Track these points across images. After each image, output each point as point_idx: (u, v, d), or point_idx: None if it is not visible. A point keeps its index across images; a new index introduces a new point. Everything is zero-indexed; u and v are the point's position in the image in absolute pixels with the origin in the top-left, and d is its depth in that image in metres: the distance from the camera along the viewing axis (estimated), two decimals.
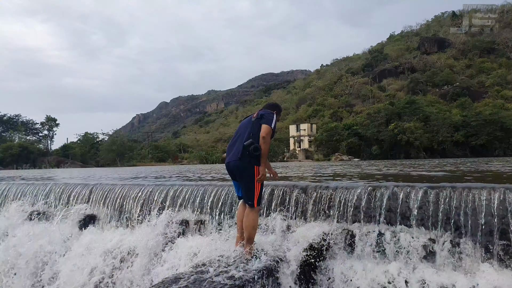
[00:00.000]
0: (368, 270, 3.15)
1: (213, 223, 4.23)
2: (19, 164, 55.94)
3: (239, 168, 3.39)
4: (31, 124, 73.98)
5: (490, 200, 3.01)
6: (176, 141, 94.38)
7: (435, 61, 73.77)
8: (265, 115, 3.50)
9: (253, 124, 3.49)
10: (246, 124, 3.61)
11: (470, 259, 2.90)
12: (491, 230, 2.90)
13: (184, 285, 2.48)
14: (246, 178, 3.38)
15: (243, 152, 3.36)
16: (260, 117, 3.50)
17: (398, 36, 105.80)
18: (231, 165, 3.47)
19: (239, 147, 3.42)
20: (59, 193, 5.89)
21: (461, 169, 8.56)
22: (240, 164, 3.37)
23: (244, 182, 3.40)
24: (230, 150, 3.57)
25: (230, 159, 3.49)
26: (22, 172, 23.72)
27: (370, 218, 3.44)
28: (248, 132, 3.45)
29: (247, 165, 3.35)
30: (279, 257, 3.20)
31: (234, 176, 3.51)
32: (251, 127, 3.49)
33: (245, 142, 3.35)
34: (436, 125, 44.53)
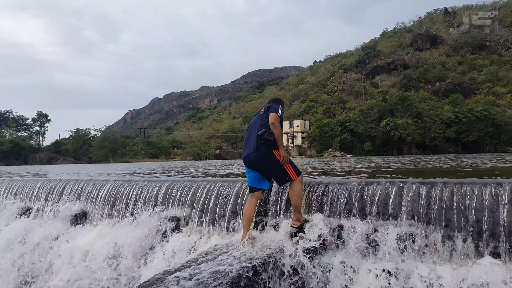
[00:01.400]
0: (360, 264, 3.17)
1: (207, 219, 4.21)
2: (10, 161, 55.27)
3: (259, 158, 3.62)
4: (22, 120, 73.08)
5: (481, 195, 3.03)
6: (169, 137, 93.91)
7: (428, 57, 74.25)
8: (271, 106, 3.75)
9: (262, 118, 3.75)
10: (256, 120, 3.87)
11: (461, 253, 2.93)
12: (482, 225, 2.93)
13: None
14: (271, 164, 3.62)
15: (258, 142, 3.61)
16: (267, 110, 3.75)
17: (391, 32, 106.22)
18: (251, 158, 3.67)
19: (254, 140, 3.67)
20: (50, 190, 5.83)
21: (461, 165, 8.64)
22: (259, 154, 3.61)
23: (270, 169, 3.66)
24: (246, 145, 3.80)
25: (248, 153, 3.71)
26: (14, 168, 23.43)
27: (362, 213, 3.46)
28: (260, 125, 3.70)
29: (266, 153, 3.59)
30: (275, 250, 3.19)
31: (256, 167, 3.70)
32: (261, 120, 3.74)
33: (259, 132, 3.62)
34: (428, 121, 44.88)
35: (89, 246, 4.19)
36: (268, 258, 2.97)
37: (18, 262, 4.62)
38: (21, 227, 4.98)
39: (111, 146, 64.03)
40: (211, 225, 4.12)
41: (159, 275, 2.48)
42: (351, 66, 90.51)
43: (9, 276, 4.52)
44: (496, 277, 2.59)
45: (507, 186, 3.00)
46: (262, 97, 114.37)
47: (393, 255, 3.12)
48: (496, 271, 2.65)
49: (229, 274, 2.45)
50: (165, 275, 2.47)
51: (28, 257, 4.65)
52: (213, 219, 4.14)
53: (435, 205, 3.15)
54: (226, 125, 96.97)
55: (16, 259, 4.62)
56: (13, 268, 4.57)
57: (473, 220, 2.97)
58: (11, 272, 4.55)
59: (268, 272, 2.83)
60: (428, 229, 3.11)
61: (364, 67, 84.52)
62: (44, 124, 71.82)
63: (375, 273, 3.04)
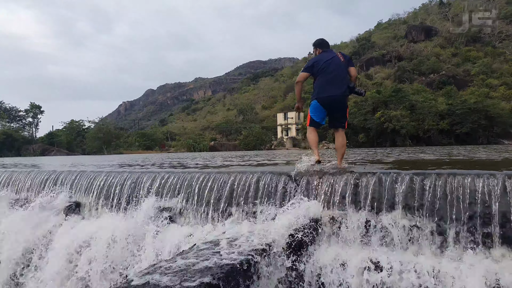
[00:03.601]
0: (353, 256, 3.18)
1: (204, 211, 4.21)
2: (3, 152, 54.78)
3: (343, 102, 4.50)
4: (14, 111, 72.26)
5: (474, 186, 3.05)
6: (163, 128, 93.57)
7: (422, 49, 74.41)
8: (350, 59, 4.62)
9: (344, 65, 4.51)
10: (339, 65, 4.49)
11: (454, 245, 2.96)
12: (475, 217, 2.95)
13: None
14: (345, 109, 4.56)
15: (347, 91, 4.44)
16: (348, 60, 4.61)
17: (385, 24, 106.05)
18: (337, 99, 4.43)
19: (342, 87, 4.40)
20: (43, 181, 5.79)
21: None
22: (343, 99, 4.47)
23: (342, 112, 4.57)
24: (332, 86, 4.39)
25: (334, 94, 4.40)
26: (6, 160, 23.21)
27: (356, 204, 3.47)
28: (345, 74, 4.46)
29: (346, 100, 4.55)
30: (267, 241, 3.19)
31: (332, 108, 4.51)
32: (343, 69, 4.49)
33: (350, 85, 4.44)
34: (422, 113, 45.13)
35: (82, 237, 4.18)
36: (262, 250, 2.97)
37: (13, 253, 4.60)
38: (13, 218, 4.94)
39: (105, 137, 63.73)
40: (206, 217, 4.12)
41: (151, 267, 2.47)
42: None
43: (7, 266, 4.51)
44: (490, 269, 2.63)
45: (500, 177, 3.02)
46: (256, 88, 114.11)
47: (385, 247, 3.14)
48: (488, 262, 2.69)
49: (221, 266, 2.45)
50: (156, 266, 2.46)
51: (23, 248, 4.63)
52: (207, 210, 4.14)
53: (428, 196, 3.17)
54: (220, 116, 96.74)
55: (11, 250, 4.60)
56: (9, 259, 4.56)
57: (467, 212, 2.99)
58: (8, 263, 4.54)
59: (262, 264, 2.83)
60: (422, 220, 3.13)
61: (359, 59, 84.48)
62: (37, 115, 71.19)
63: (367, 265, 3.06)
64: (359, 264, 3.08)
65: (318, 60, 4.59)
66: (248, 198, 3.99)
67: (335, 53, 4.63)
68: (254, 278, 2.67)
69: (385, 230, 3.21)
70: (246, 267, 2.58)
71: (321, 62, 4.54)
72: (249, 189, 4.01)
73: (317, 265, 3.19)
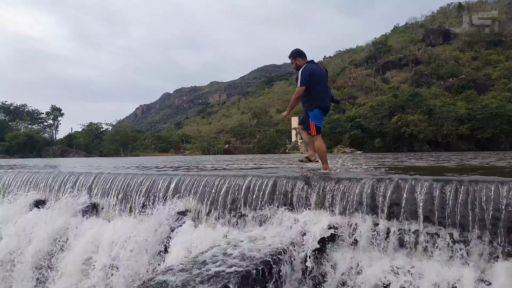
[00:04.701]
0: (371, 263, 3.13)
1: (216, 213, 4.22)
2: (25, 153, 56.29)
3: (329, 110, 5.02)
4: (36, 113, 74.22)
5: (498, 194, 2.96)
6: (179, 131, 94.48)
7: (440, 53, 73.04)
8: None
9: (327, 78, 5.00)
10: (326, 76, 4.96)
11: (476, 254, 2.87)
12: (498, 225, 2.86)
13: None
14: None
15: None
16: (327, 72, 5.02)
17: (402, 27, 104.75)
18: (329, 108, 4.97)
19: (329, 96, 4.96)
20: (63, 182, 5.90)
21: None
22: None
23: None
24: (326, 95, 4.90)
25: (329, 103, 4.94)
26: (28, 160, 23.82)
27: (374, 210, 3.41)
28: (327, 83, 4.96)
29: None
30: (287, 245, 3.17)
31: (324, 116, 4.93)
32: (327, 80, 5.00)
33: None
34: (440, 118, 44.23)
35: (100, 238, 4.24)
36: (279, 254, 2.95)
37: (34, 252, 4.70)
38: (35, 218, 5.06)
39: (122, 140, 64.71)
40: (222, 219, 4.12)
41: (168, 268, 2.48)
42: (361, 61, 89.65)
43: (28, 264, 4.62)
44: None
45: None
46: (271, 92, 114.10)
47: (403, 254, 3.08)
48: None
49: (238, 270, 2.44)
50: (173, 268, 2.47)
51: (43, 248, 4.72)
52: (224, 212, 4.14)
53: (449, 203, 3.09)
54: (235, 120, 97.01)
55: (33, 250, 4.70)
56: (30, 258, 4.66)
57: (489, 220, 2.90)
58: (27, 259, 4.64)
59: (279, 268, 2.81)
60: (442, 228, 3.05)
61: (375, 63, 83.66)
62: (57, 117, 72.91)
63: (385, 271, 3.00)
64: (377, 271, 3.03)
65: (314, 71, 4.76)
66: (263, 202, 3.97)
67: (320, 65, 4.98)
68: (270, 283, 2.65)
69: (403, 238, 3.15)
70: (261, 272, 2.57)
71: (316, 73, 4.76)
72: (264, 193, 4.00)
73: (334, 271, 3.14)
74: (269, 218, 3.85)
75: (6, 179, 6.79)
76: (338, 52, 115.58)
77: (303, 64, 4.88)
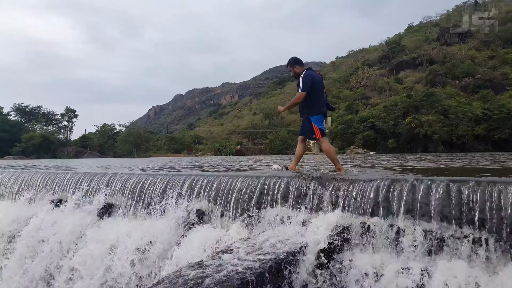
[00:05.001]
0: (385, 264, 3.10)
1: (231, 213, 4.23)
2: (40, 154, 57.46)
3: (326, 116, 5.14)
4: (51, 115, 75.74)
5: None
6: (191, 132, 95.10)
7: (456, 52, 71.74)
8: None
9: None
10: (321, 83, 5.10)
11: (494, 256, 2.82)
12: None
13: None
14: None
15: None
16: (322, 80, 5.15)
17: (416, 27, 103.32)
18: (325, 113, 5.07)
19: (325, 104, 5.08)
20: (78, 182, 6.01)
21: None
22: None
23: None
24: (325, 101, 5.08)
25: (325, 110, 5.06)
26: (43, 161, 24.32)
27: (388, 211, 3.37)
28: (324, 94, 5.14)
29: None
30: (299, 245, 3.16)
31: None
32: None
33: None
34: (455, 118, 43.46)
35: (116, 238, 4.30)
36: (292, 254, 2.94)
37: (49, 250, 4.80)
38: (52, 218, 5.16)
39: (135, 141, 65.41)
40: (234, 219, 4.14)
41: (182, 269, 2.50)
42: (374, 61, 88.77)
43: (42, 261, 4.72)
44: None
45: None
46: (283, 93, 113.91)
47: (419, 256, 3.04)
48: None
49: (251, 269, 2.45)
50: (187, 269, 2.49)
51: (58, 247, 4.82)
52: (236, 213, 4.16)
53: (466, 204, 3.04)
54: (246, 121, 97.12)
55: (49, 247, 4.80)
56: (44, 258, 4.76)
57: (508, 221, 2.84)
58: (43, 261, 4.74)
59: (292, 268, 2.80)
60: (458, 229, 3.00)
61: (388, 63, 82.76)
62: (72, 119, 74.26)
63: (400, 273, 2.97)
64: (392, 273, 3.00)
65: (314, 79, 4.90)
66: (276, 202, 3.98)
67: (317, 72, 5.15)
68: (283, 284, 2.65)
69: (419, 238, 3.10)
70: (275, 272, 2.57)
71: (316, 80, 4.92)
72: (278, 193, 4.00)
73: (348, 272, 3.12)
74: (281, 219, 3.84)
75: (26, 178, 6.95)
76: (351, 52, 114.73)
77: (301, 71, 5.01)
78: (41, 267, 4.75)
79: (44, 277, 4.75)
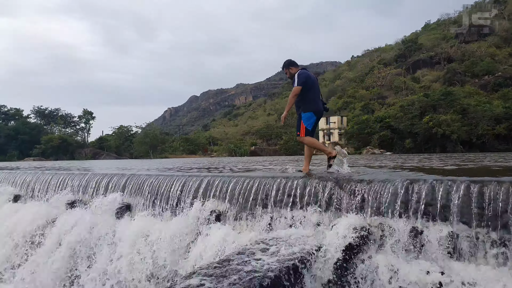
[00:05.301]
0: (404, 266, 3.05)
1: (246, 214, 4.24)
2: (59, 156, 58.80)
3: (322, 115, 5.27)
4: (69, 117, 77.49)
5: None
6: (206, 134, 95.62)
7: (475, 50, 69.97)
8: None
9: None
10: (316, 83, 5.24)
11: None
12: None
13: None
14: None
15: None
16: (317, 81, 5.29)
17: (434, 24, 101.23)
18: (323, 112, 5.19)
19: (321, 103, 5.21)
20: (97, 183, 6.13)
21: None
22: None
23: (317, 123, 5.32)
24: (319, 100, 5.19)
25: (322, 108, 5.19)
26: (62, 163, 24.88)
27: (407, 212, 3.32)
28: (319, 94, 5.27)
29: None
30: (316, 246, 3.14)
31: (318, 119, 5.19)
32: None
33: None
34: (475, 117, 42.42)
35: (134, 237, 4.36)
36: (308, 255, 2.93)
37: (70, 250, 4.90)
38: (71, 218, 5.28)
39: (151, 142, 66.18)
40: (250, 220, 4.14)
41: (199, 268, 2.52)
42: (390, 60, 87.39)
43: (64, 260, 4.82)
44: None
45: None
46: None
47: (440, 258, 2.98)
48: None
49: (269, 270, 2.44)
50: (203, 269, 2.50)
51: (78, 246, 4.92)
52: (252, 214, 4.16)
53: (487, 205, 2.97)
54: (261, 122, 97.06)
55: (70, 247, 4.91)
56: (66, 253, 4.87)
57: None
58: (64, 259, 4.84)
59: (309, 269, 2.79)
60: (479, 231, 2.93)
61: (405, 62, 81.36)
62: (89, 121, 75.78)
63: (420, 275, 2.92)
64: (411, 274, 2.95)
65: (309, 76, 5.09)
66: (293, 203, 3.96)
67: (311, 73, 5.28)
68: (300, 284, 2.64)
69: (439, 240, 3.05)
70: (292, 273, 2.56)
71: (311, 78, 5.10)
72: (296, 194, 3.99)
73: (366, 274, 3.08)
74: (298, 219, 3.83)
75: (45, 179, 7.12)
76: (367, 51, 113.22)
77: (296, 72, 5.21)
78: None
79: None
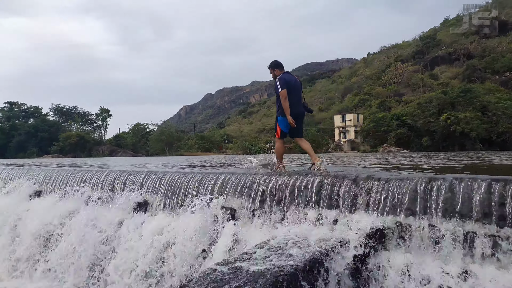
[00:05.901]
0: (423, 265, 3.02)
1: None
2: (76, 153, 60.13)
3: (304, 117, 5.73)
4: (87, 115, 79.15)
5: None
6: (221, 131, 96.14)
7: (496, 45, 68.04)
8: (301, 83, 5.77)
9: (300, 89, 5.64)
10: (300, 88, 5.60)
11: None
12: None
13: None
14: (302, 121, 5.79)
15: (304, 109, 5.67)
16: (301, 84, 5.68)
17: (453, 20, 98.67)
18: (303, 115, 5.64)
19: (302, 105, 5.62)
20: (115, 179, 6.24)
21: None
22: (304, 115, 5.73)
23: (302, 125, 5.73)
24: (298, 104, 5.50)
25: (301, 110, 5.60)
26: (80, 160, 25.42)
27: (425, 211, 3.27)
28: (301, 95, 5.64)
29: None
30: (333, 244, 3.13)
31: (297, 122, 5.44)
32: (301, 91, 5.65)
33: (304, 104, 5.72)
34: (495, 115, 41.34)
35: (151, 234, 4.44)
36: (324, 254, 2.92)
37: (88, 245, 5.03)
38: (90, 213, 5.40)
39: (167, 140, 66.96)
40: (265, 217, 4.15)
41: (216, 265, 2.54)
42: (408, 57, 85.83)
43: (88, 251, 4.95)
44: None
45: None
46: (313, 90, 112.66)
47: (457, 257, 2.94)
48: None
49: (284, 268, 2.45)
50: (216, 267, 2.52)
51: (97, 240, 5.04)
52: (269, 211, 4.17)
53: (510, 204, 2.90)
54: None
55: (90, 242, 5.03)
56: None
57: None
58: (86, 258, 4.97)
59: (327, 267, 2.78)
60: (502, 230, 2.87)
61: (422, 58, 79.84)
62: (106, 119, 77.19)
63: (439, 276, 2.88)
64: (429, 275, 2.92)
65: (289, 80, 5.40)
66: (309, 200, 3.95)
67: (295, 76, 5.58)
68: (318, 282, 2.64)
69: (458, 240, 3.00)
70: (309, 270, 2.56)
71: (291, 82, 5.40)
72: (311, 192, 3.98)
73: (383, 272, 3.06)
74: (313, 217, 3.82)
75: (64, 176, 7.29)
76: (383, 48, 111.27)
77: (279, 74, 5.55)
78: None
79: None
